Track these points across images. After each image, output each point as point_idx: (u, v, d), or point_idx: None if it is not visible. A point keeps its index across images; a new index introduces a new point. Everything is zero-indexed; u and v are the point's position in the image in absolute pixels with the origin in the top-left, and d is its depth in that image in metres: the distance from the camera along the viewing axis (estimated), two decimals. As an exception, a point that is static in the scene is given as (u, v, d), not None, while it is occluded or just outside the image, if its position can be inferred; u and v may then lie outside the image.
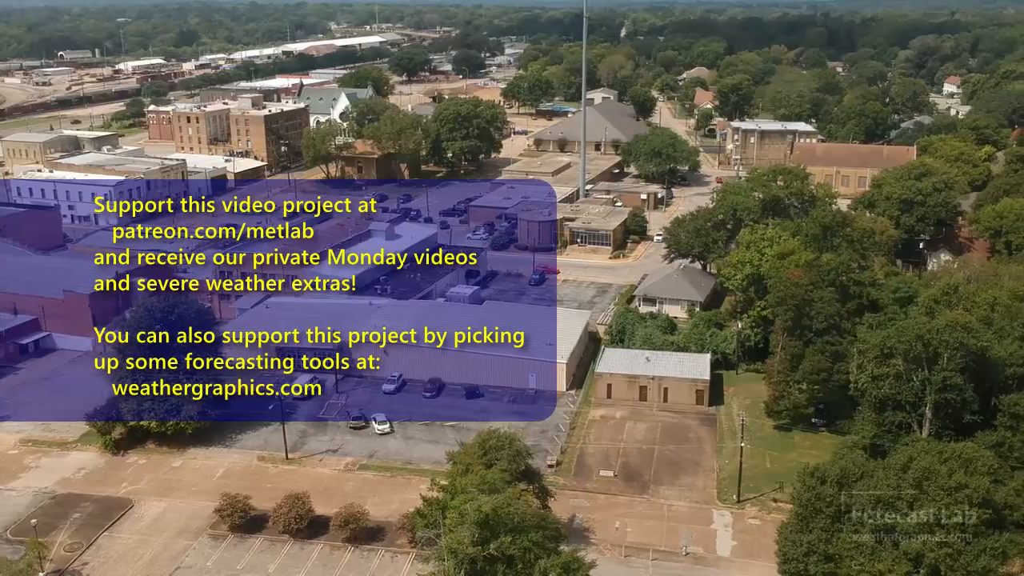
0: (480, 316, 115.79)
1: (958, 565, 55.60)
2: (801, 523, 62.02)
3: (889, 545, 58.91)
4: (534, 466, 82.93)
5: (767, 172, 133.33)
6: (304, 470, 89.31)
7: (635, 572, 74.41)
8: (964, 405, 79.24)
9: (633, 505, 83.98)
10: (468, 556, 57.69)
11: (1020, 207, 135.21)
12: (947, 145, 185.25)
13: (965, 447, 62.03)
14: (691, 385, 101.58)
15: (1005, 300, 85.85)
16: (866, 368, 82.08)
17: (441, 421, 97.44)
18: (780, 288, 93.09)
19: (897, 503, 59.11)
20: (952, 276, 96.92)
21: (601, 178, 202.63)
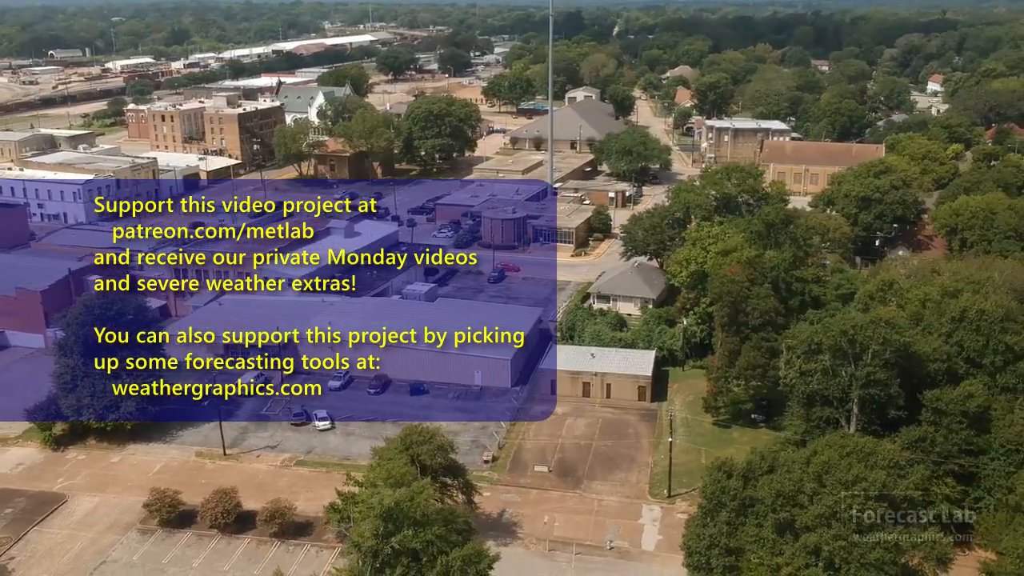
0: (431, 313, 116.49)
1: (852, 558, 56.06)
2: (705, 516, 62.54)
3: (790, 538, 59.50)
4: (464, 461, 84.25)
5: (720, 170, 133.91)
6: (241, 466, 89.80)
7: (557, 566, 74.91)
8: (889, 400, 79.70)
9: (564, 500, 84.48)
10: (371, 549, 58.17)
11: (975, 205, 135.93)
12: (914, 143, 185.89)
13: (867, 441, 62.52)
14: (633, 381, 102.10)
15: (935, 296, 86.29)
16: (794, 364, 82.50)
17: (382, 418, 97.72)
18: (717, 284, 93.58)
19: (799, 497, 59.68)
20: (889, 272, 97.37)
21: (572, 176, 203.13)
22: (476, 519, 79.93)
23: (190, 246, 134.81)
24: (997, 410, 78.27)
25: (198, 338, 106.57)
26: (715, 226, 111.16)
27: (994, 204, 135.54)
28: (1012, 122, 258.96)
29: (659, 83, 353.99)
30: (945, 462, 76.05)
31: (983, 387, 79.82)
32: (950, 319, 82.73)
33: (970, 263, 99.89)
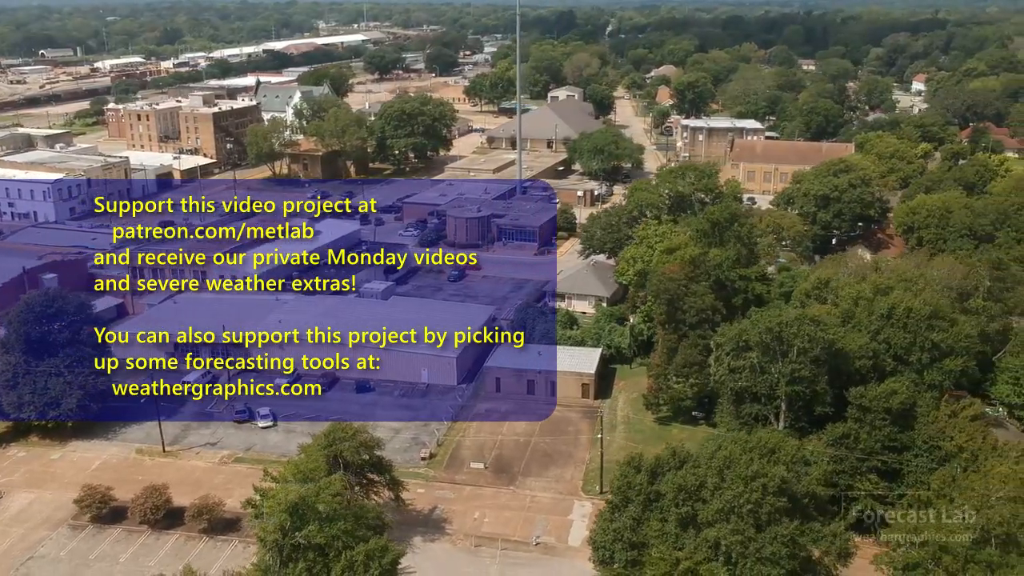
0: (383, 311, 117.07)
1: (748, 552, 56.65)
2: (612, 511, 63.13)
3: (693, 533, 60.07)
4: (402, 458, 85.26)
5: (675, 169, 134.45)
6: (179, 463, 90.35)
7: (480, 561, 75.48)
8: (815, 397, 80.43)
9: (497, 496, 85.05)
10: (275, 544, 58.78)
11: (932, 204, 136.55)
12: (883, 142, 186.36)
13: (771, 437, 63.03)
14: (577, 379, 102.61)
15: (867, 294, 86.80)
16: (723, 361, 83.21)
17: (325, 416, 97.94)
18: (655, 282, 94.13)
19: (702, 492, 60.28)
20: (826, 270, 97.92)
21: (545, 175, 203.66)
22: (407, 515, 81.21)
23: (149, 245, 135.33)
24: (922, 407, 78.88)
25: (151, 337, 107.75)
26: (662, 224, 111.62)
27: (950, 203, 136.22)
28: (989, 121, 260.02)
29: (643, 82, 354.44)
30: (868, 459, 76.69)
31: (911, 384, 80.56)
32: (879, 317, 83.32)
33: (909, 261, 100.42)
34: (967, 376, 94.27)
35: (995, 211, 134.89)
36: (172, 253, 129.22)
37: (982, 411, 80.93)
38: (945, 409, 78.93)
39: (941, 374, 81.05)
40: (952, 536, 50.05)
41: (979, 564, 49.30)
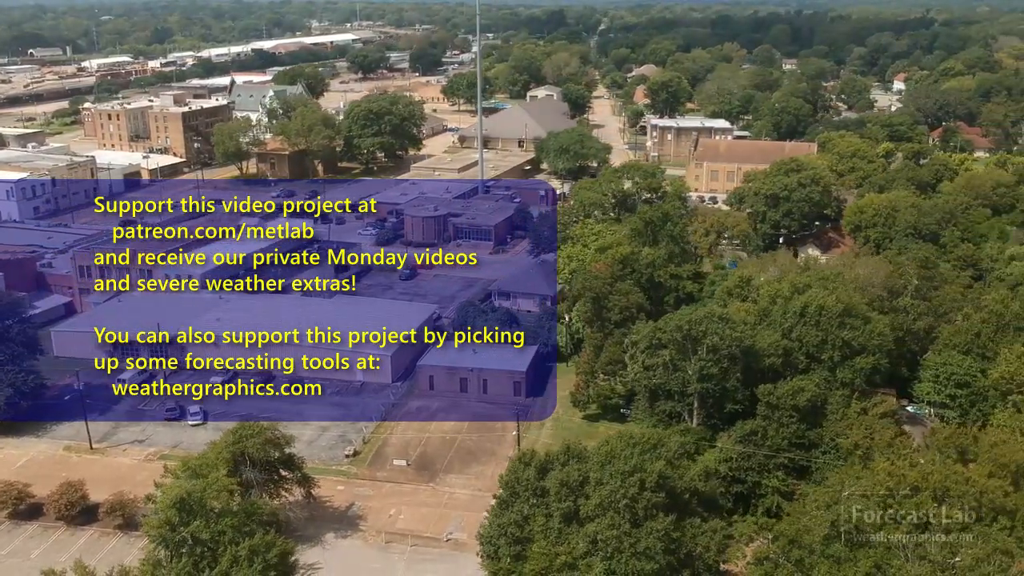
0: (325, 310, 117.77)
1: (623, 547, 57.32)
2: (501, 506, 63.82)
3: (576, 528, 60.77)
4: (326, 456, 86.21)
5: (618, 169, 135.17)
6: (106, 460, 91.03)
7: (388, 558, 76.20)
8: (726, 394, 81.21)
9: (416, 493, 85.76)
10: (160, 538, 59.49)
11: (879, 203, 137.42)
12: (844, 141, 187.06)
13: (654, 433, 63.84)
14: (509, 377, 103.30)
15: (785, 292, 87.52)
16: (637, 359, 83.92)
17: (256, 414, 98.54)
18: (580, 281, 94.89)
19: (585, 487, 60.97)
20: (749, 269, 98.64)
21: (511, 174, 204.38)
22: (323, 512, 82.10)
23: (96, 244, 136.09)
24: (832, 404, 79.73)
25: (113, 336, 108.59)
26: (597, 224, 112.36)
27: (898, 202, 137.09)
28: (961, 121, 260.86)
29: (623, 82, 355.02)
30: (776, 455, 77.50)
31: (822, 381, 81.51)
32: (792, 315, 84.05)
33: (837, 260, 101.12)
34: (894, 375, 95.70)
35: (941, 210, 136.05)
36: (122, 252, 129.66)
37: (893, 409, 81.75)
38: (855, 407, 79.86)
39: (852, 372, 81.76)
40: (807, 532, 50.72)
41: (827, 559, 50.00)
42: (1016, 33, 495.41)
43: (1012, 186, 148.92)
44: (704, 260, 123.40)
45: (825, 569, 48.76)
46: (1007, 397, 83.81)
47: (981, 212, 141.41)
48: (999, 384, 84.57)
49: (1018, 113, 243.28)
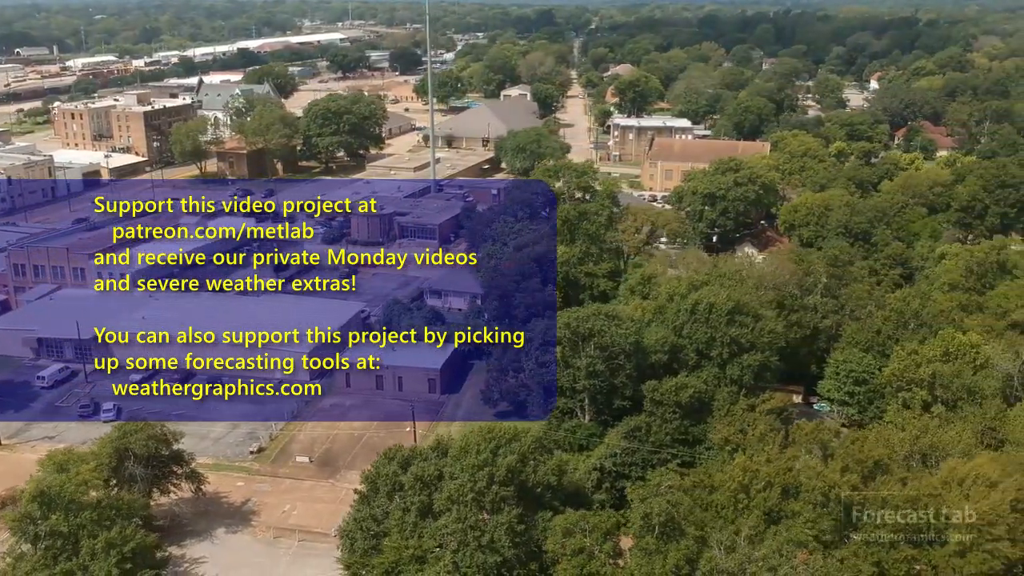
0: (251, 309, 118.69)
1: (469, 539, 58.20)
2: (361, 500, 64.77)
3: (431, 522, 61.67)
4: (232, 452, 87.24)
5: (549, 168, 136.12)
6: (14, 456, 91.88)
7: (274, 552, 77.13)
8: (614, 391, 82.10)
9: (315, 489, 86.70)
10: (20, 531, 60.51)
11: (812, 202, 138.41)
12: (796, 140, 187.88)
13: (511, 427, 64.64)
14: (424, 374, 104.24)
15: (682, 290, 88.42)
16: (531, 355, 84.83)
17: (167, 412, 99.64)
18: (486, 278, 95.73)
19: (439, 482, 61.89)
20: (652, 267, 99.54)
21: (468, 173, 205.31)
22: (219, 507, 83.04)
23: (33, 242, 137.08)
24: (718, 401, 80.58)
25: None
26: (518, 222, 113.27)
27: (831, 201, 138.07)
28: (927, 120, 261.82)
29: (599, 81, 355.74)
30: (659, 451, 78.39)
31: (711, 378, 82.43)
32: (683, 312, 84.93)
33: (742, 259, 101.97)
34: (804, 372, 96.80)
35: (873, 210, 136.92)
36: (56, 251, 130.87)
37: (780, 406, 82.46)
38: (742, 403, 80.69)
39: (740, 369, 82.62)
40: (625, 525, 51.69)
41: (640, 551, 50.87)
42: (999, 33, 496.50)
43: (949, 186, 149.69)
44: (633, 258, 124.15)
45: (635, 561, 49.66)
46: (899, 394, 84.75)
47: (916, 211, 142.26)
48: (891, 381, 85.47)
49: (982, 113, 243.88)
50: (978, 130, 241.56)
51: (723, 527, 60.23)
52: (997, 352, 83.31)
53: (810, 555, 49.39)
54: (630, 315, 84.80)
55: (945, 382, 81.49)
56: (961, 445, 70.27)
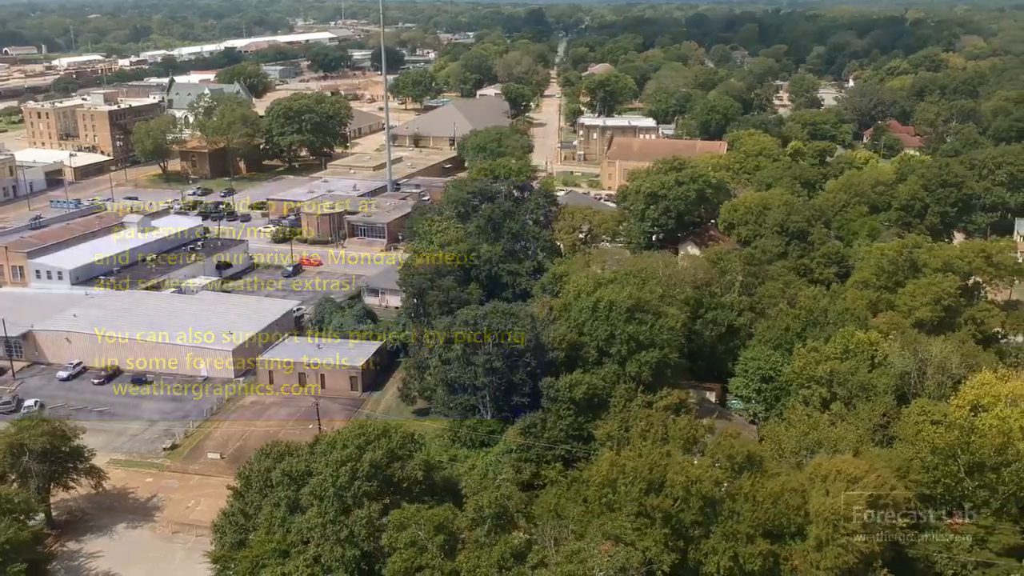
0: (183, 307, 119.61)
1: (327, 534, 58.97)
2: (235, 495, 65.57)
3: (299, 516, 62.45)
4: (146, 448, 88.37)
5: (484, 167, 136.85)
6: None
7: (171, 547, 78.00)
8: (513, 387, 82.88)
9: (222, 485, 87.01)
10: None
11: (750, 201, 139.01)
12: (752, 139, 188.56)
13: (380, 424, 65.46)
14: (346, 372, 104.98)
15: (588, 288, 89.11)
16: (436, 352, 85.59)
17: (90, 408, 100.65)
18: (403, 276, 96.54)
19: (308, 478, 62.69)
20: (566, 265, 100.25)
21: (430, 172, 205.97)
22: (123, 502, 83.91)
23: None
24: (615, 397, 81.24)
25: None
26: (444, 221, 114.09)
27: (769, 200, 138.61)
28: (896, 119, 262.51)
29: (576, 80, 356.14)
30: (554, 447, 79.18)
31: (610, 374, 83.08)
32: (586, 310, 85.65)
33: (654, 258, 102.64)
34: (722, 369, 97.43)
35: (811, 209, 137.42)
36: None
37: (676, 402, 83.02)
38: (639, 400, 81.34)
39: (639, 365, 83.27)
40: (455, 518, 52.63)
41: (473, 543, 51.66)
42: (984, 32, 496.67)
43: (891, 185, 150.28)
44: (567, 257, 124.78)
45: (464, 554, 50.43)
46: (800, 391, 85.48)
47: (857, 210, 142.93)
48: (792, 379, 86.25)
49: (948, 112, 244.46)
50: (944, 129, 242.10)
51: (590, 520, 61.35)
52: (895, 350, 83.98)
53: (614, 547, 50.20)
54: (535, 313, 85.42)
55: (841, 379, 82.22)
56: (846, 442, 71.26)
